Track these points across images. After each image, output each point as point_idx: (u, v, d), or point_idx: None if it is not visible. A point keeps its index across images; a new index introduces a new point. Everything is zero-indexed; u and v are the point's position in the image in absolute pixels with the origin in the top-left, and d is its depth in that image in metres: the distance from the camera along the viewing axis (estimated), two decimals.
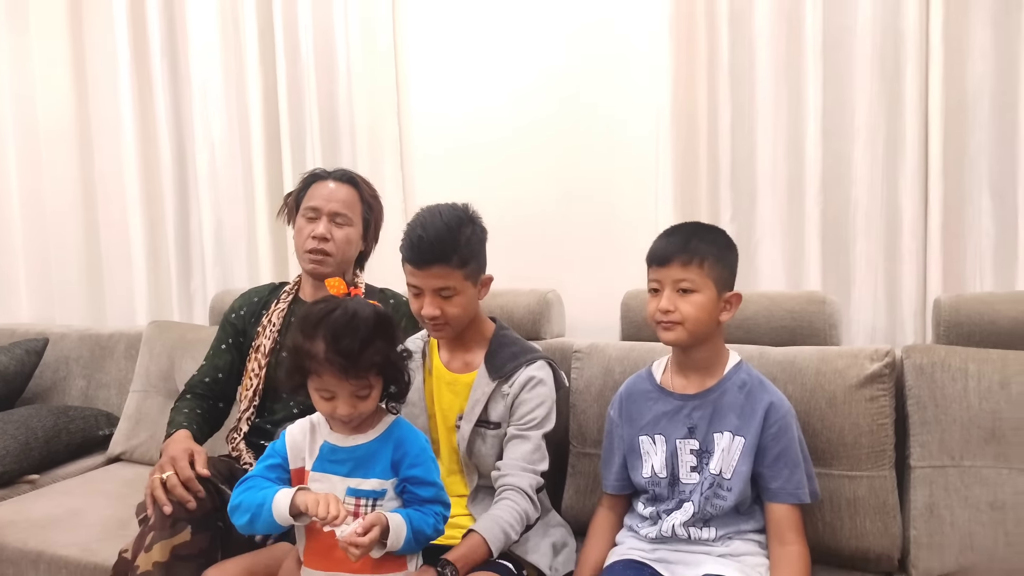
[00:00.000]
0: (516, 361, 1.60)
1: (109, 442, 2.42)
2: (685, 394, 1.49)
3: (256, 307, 1.93)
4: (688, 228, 1.50)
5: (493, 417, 1.58)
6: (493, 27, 2.36)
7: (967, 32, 1.84)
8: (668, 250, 1.45)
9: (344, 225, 1.83)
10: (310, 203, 1.83)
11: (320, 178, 1.87)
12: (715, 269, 1.43)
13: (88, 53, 2.96)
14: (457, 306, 1.54)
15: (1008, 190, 1.84)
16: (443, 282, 1.52)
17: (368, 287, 1.91)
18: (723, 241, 1.49)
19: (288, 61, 2.55)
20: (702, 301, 1.42)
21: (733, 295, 1.46)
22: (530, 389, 1.57)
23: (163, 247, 2.85)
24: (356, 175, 1.90)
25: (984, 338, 1.63)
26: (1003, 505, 1.46)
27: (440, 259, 1.51)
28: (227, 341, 1.91)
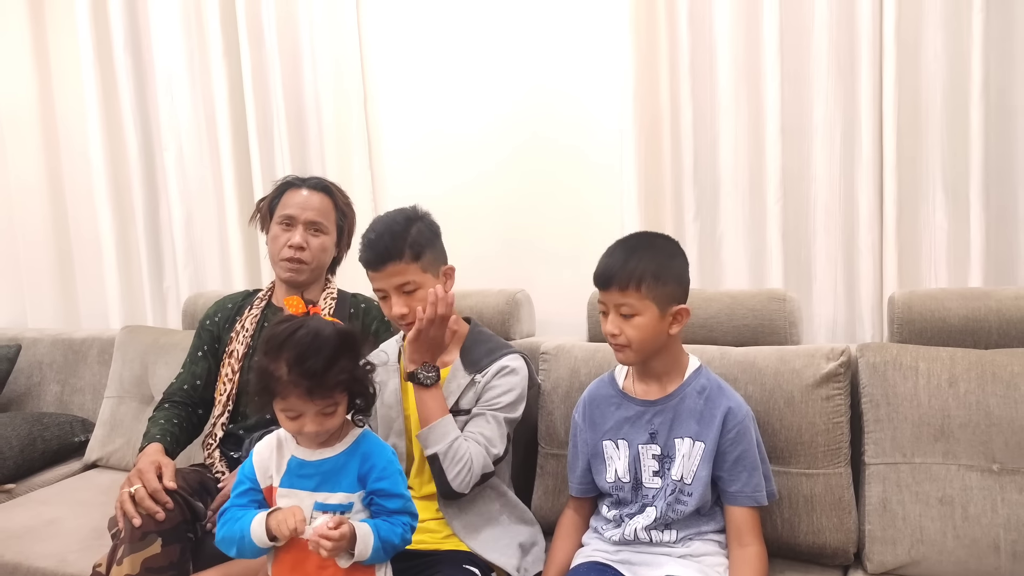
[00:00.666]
0: (491, 356, 1.65)
1: (85, 448, 2.43)
2: (646, 400, 1.52)
3: (230, 313, 1.96)
4: (626, 247, 1.48)
5: (464, 405, 1.62)
6: (457, 24, 2.35)
7: (920, 33, 1.87)
8: (606, 274, 1.46)
9: (320, 233, 1.87)
10: (285, 211, 1.85)
11: (294, 186, 1.89)
12: (654, 289, 1.42)
13: (51, 47, 2.93)
14: (421, 300, 1.58)
15: (961, 187, 1.87)
16: (402, 278, 1.57)
17: (340, 292, 1.94)
18: (664, 257, 1.47)
19: (252, 51, 2.54)
20: (643, 323, 1.43)
21: (680, 309, 1.46)
22: (501, 376, 1.62)
23: (133, 245, 2.85)
24: (330, 183, 1.94)
25: (935, 335, 1.68)
26: (951, 500, 1.51)
27: (392, 256, 1.56)
28: (203, 348, 1.94)
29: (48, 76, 2.94)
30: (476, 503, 1.62)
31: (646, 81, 2.08)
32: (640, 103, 2.08)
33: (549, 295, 2.24)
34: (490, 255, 2.36)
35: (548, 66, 2.26)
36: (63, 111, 2.95)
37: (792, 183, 2.02)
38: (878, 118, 1.90)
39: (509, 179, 2.35)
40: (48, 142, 2.96)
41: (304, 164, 2.56)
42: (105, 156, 2.80)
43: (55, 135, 2.97)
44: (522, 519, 1.69)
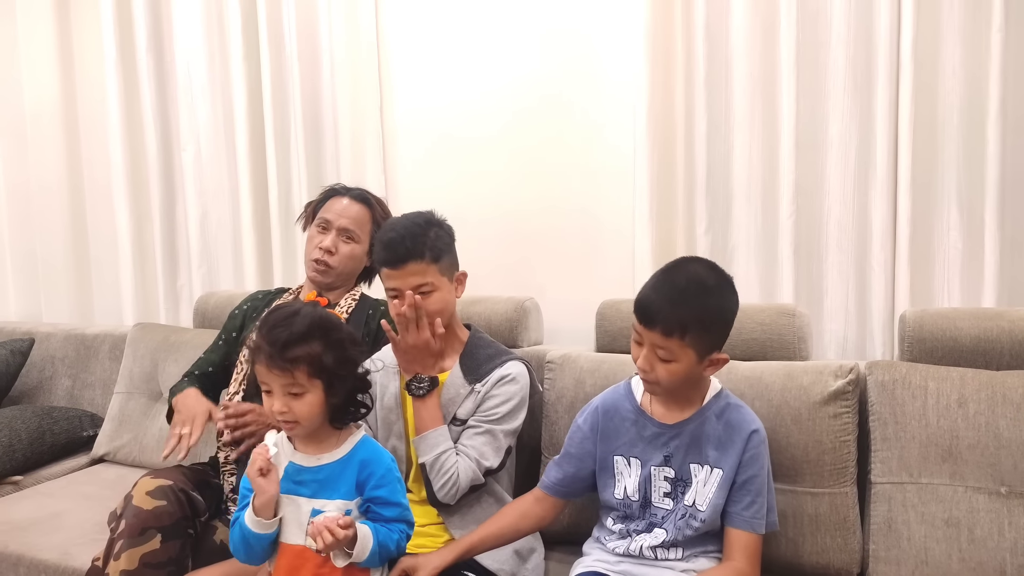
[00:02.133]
0: (491, 363, 1.65)
1: (93, 443, 2.44)
2: (664, 423, 1.48)
3: (260, 304, 2.01)
4: (677, 287, 1.37)
5: (461, 415, 1.62)
6: (474, 34, 2.36)
7: (937, 49, 1.86)
8: (651, 312, 1.36)
9: (351, 241, 1.91)
10: (324, 215, 1.91)
11: (339, 193, 1.95)
12: (698, 339, 1.34)
13: (75, 48, 2.98)
14: (436, 302, 1.60)
15: (976, 205, 1.86)
16: (420, 279, 1.58)
17: (363, 296, 1.95)
18: (714, 303, 1.37)
19: (272, 55, 2.57)
20: (678, 370, 1.37)
21: (719, 358, 1.39)
22: (501, 385, 1.62)
23: (149, 243, 2.87)
24: (371, 195, 1.98)
25: (946, 354, 1.66)
26: (957, 522, 1.49)
27: (413, 255, 1.58)
28: (223, 336, 1.99)
29: (72, 76, 2.99)
30: (475, 509, 1.62)
31: (661, 92, 2.08)
32: (654, 114, 2.08)
33: (559, 303, 2.24)
34: (500, 262, 2.36)
35: (563, 76, 2.26)
36: (85, 110, 2.99)
37: (805, 198, 2.00)
38: (894, 135, 1.88)
39: (521, 188, 2.35)
40: (69, 140, 3.01)
41: (319, 168, 2.58)
42: (124, 155, 2.83)
43: (76, 133, 3.01)
44: None
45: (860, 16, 1.91)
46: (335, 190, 1.97)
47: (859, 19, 1.91)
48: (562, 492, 1.56)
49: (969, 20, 1.83)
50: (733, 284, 1.41)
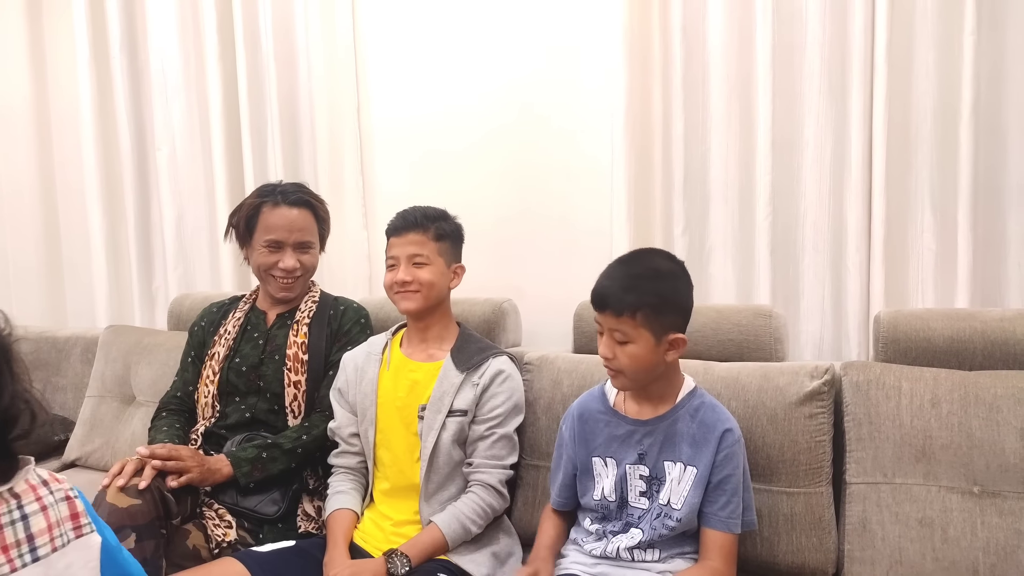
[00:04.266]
0: (483, 354, 1.68)
1: (64, 448, 2.40)
2: (637, 420, 1.49)
3: (216, 317, 1.98)
4: (627, 270, 1.44)
5: (460, 405, 1.63)
6: (451, 33, 2.36)
7: (911, 53, 1.87)
8: (603, 297, 1.41)
9: (308, 249, 1.90)
10: (271, 235, 1.84)
11: (273, 202, 1.86)
12: (651, 318, 1.37)
13: (47, 46, 2.94)
14: (428, 274, 1.66)
15: (949, 207, 1.87)
16: (417, 248, 1.66)
17: (323, 295, 1.95)
18: (665, 285, 1.41)
19: (248, 54, 2.55)
20: (636, 352, 1.39)
21: (676, 338, 1.41)
22: (501, 383, 1.65)
23: (123, 244, 2.84)
24: (309, 195, 1.92)
25: (919, 355, 1.67)
26: (931, 522, 1.50)
27: (417, 226, 1.67)
28: (191, 355, 1.97)
29: (44, 74, 2.95)
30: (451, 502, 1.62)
31: (638, 94, 2.09)
32: (632, 116, 2.08)
33: (537, 305, 2.23)
34: (479, 264, 2.33)
35: (541, 78, 2.26)
36: (57, 109, 2.95)
37: (782, 199, 2.01)
38: (868, 137, 1.90)
39: (499, 188, 2.34)
40: (41, 139, 2.96)
41: (296, 169, 2.56)
42: (98, 155, 2.79)
43: (48, 133, 2.97)
44: (499, 529, 1.68)
45: (835, 19, 1.93)
46: (266, 199, 1.87)
47: (834, 22, 1.93)
48: (566, 503, 1.59)
49: (942, 24, 1.84)
50: (687, 272, 1.47)
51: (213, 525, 1.64)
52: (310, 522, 1.74)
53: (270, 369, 1.83)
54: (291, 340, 1.84)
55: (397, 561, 1.49)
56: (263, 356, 1.85)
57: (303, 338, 1.84)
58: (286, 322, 1.89)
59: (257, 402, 1.82)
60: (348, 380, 1.74)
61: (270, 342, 1.87)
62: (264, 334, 1.89)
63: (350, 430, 1.71)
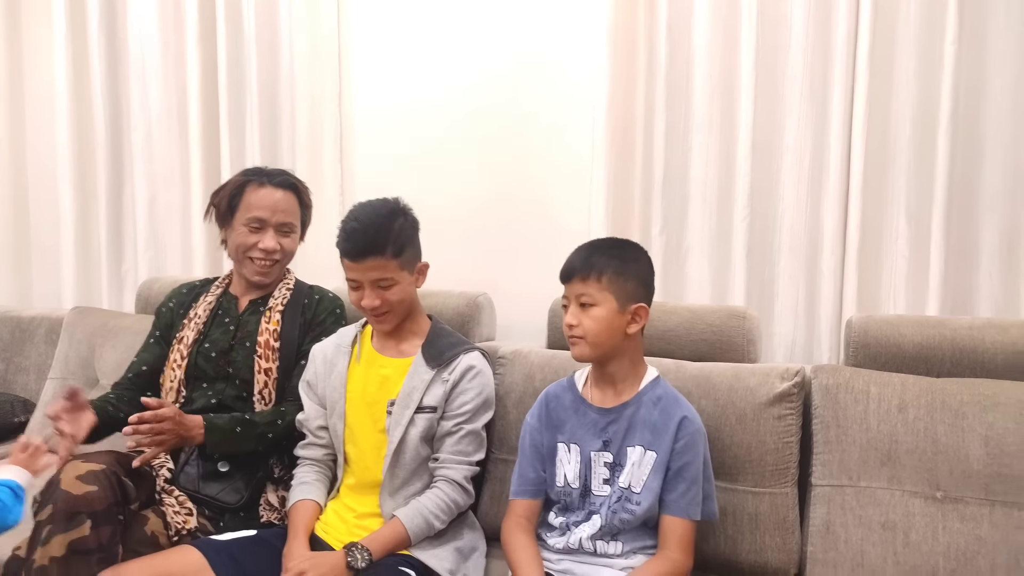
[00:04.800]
0: (454, 349, 1.66)
1: (24, 429, 2.35)
2: (602, 407, 1.51)
3: (185, 299, 1.94)
4: (593, 244, 1.53)
5: (429, 402, 1.61)
6: (435, 24, 2.34)
7: (892, 60, 1.89)
8: (571, 265, 1.49)
9: (290, 233, 1.86)
10: (253, 213, 1.81)
11: (256, 181, 1.84)
12: (614, 282, 1.44)
13: (23, 21, 2.87)
14: (396, 294, 1.60)
15: (924, 216, 1.89)
16: (380, 273, 1.57)
17: (297, 284, 1.92)
18: (628, 255, 1.50)
19: (229, 38, 2.50)
20: (601, 314, 1.44)
21: (638, 307, 1.47)
22: (471, 378, 1.63)
23: (94, 225, 2.78)
24: (295, 179, 1.90)
25: (889, 360, 1.68)
26: (894, 526, 1.51)
27: (375, 250, 1.56)
28: (155, 335, 1.92)
29: (19, 50, 2.88)
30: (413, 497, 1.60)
31: (621, 91, 2.08)
32: (614, 113, 2.08)
33: (512, 299, 2.22)
34: (455, 256, 2.33)
35: (524, 71, 2.25)
36: (31, 86, 2.88)
37: (759, 202, 2.02)
38: (847, 142, 1.91)
39: (478, 183, 2.33)
40: (13, 116, 2.89)
41: (275, 156, 2.53)
42: (71, 133, 2.73)
43: (21, 109, 2.90)
44: (464, 523, 1.67)
45: (819, 24, 1.94)
46: (251, 178, 1.85)
47: (818, 27, 1.94)
48: (539, 491, 1.56)
49: (924, 32, 1.86)
50: (648, 254, 1.55)
51: (173, 512, 1.61)
52: (273, 512, 1.71)
53: (240, 355, 1.79)
54: (263, 327, 1.81)
55: (357, 555, 1.46)
56: (233, 342, 1.81)
57: (275, 325, 1.81)
58: (258, 308, 1.86)
59: (225, 388, 1.79)
60: (317, 372, 1.71)
61: (241, 328, 1.83)
62: (235, 319, 1.85)
63: (318, 423, 1.69)
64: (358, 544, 1.48)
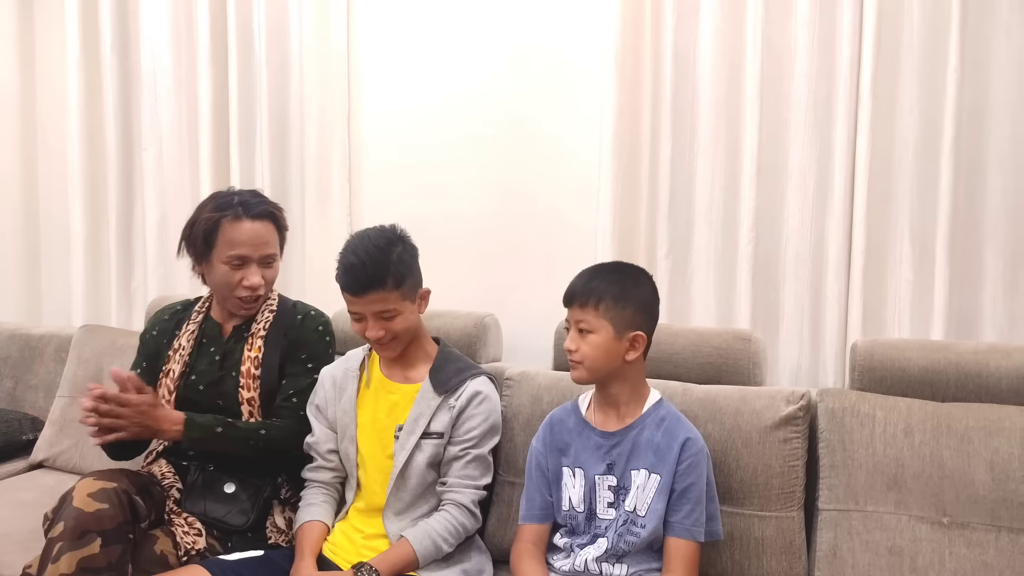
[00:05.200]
0: (461, 375, 1.66)
1: (32, 447, 2.36)
2: (605, 431, 1.52)
3: (168, 326, 1.88)
4: (595, 269, 1.55)
5: (436, 428, 1.62)
6: (445, 48, 2.37)
7: (895, 87, 1.91)
8: (571, 291, 1.51)
9: (272, 263, 1.80)
10: (235, 251, 1.72)
11: (234, 216, 1.73)
12: (611, 310, 1.46)
13: (37, 41, 2.91)
14: (400, 324, 1.60)
15: (928, 241, 1.90)
16: (382, 306, 1.57)
17: (280, 305, 1.85)
18: (629, 281, 1.50)
19: (240, 59, 2.54)
20: (598, 341, 1.46)
21: (636, 335, 1.47)
22: (477, 404, 1.63)
23: (104, 243, 2.80)
24: (270, 205, 1.80)
25: (894, 384, 1.69)
26: (900, 551, 1.51)
27: (375, 284, 1.55)
28: (141, 365, 1.86)
29: (32, 69, 2.92)
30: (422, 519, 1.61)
31: (628, 114, 2.10)
32: (620, 136, 2.10)
33: (518, 321, 2.23)
34: (462, 277, 2.35)
35: (531, 94, 2.28)
36: (44, 105, 2.92)
37: (765, 226, 2.03)
38: (851, 167, 1.93)
39: (485, 205, 2.35)
40: (26, 134, 2.93)
41: (284, 174, 2.56)
42: (82, 152, 2.76)
43: (34, 127, 2.94)
44: (471, 546, 1.67)
45: (823, 52, 1.96)
46: (225, 213, 1.72)
47: (822, 54, 1.96)
48: (548, 515, 1.56)
49: (926, 60, 1.88)
50: (651, 279, 1.56)
51: (182, 532, 1.61)
52: (280, 535, 1.71)
53: (229, 387, 1.76)
54: (245, 355, 1.76)
55: (366, 573, 1.47)
56: (221, 373, 1.77)
57: (257, 352, 1.76)
58: (243, 335, 1.80)
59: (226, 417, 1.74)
60: (327, 397, 1.70)
61: (227, 357, 1.78)
62: (221, 348, 1.80)
63: (328, 446, 1.69)
64: (367, 564, 1.49)
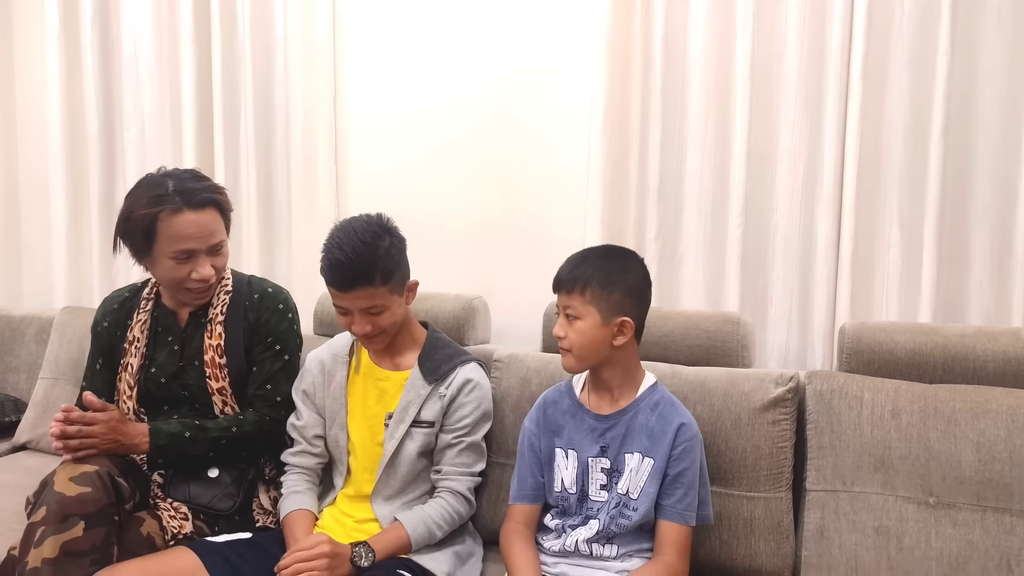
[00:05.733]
0: (451, 362, 1.64)
1: (15, 429, 2.34)
2: (600, 414, 1.52)
3: (119, 315, 1.79)
4: (583, 253, 1.52)
5: (426, 416, 1.60)
6: (431, 32, 2.34)
7: (886, 71, 1.91)
8: (559, 276, 1.50)
9: (221, 248, 1.69)
10: (181, 246, 1.60)
11: (172, 209, 1.59)
12: (598, 296, 1.44)
13: (14, 17, 2.85)
14: (387, 319, 1.57)
15: (916, 225, 1.91)
16: (369, 302, 1.53)
17: (236, 283, 1.76)
18: (616, 266, 1.47)
19: (224, 39, 2.50)
20: (584, 328, 1.45)
21: (624, 321, 1.45)
22: (468, 392, 1.62)
23: (86, 225, 2.76)
24: (210, 189, 1.66)
25: (882, 366, 1.70)
26: (887, 531, 1.52)
27: (361, 280, 1.51)
28: (99, 361, 1.79)
29: (10, 47, 2.86)
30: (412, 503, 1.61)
31: (617, 99, 2.09)
32: (610, 120, 2.09)
33: (507, 303, 2.23)
34: (450, 259, 2.34)
35: (520, 80, 2.26)
36: (22, 84, 2.86)
37: (754, 210, 2.04)
38: (840, 152, 1.93)
39: (474, 186, 2.33)
40: (4, 114, 2.87)
41: (268, 159, 2.53)
42: (63, 132, 2.72)
43: (12, 107, 2.88)
44: (463, 529, 1.67)
45: (813, 33, 1.96)
46: (163, 204, 1.58)
47: (812, 36, 1.96)
48: (540, 495, 1.55)
49: (917, 44, 1.88)
50: (642, 262, 1.52)
51: (168, 516, 1.60)
52: (267, 516, 1.70)
53: (192, 377, 1.70)
54: (206, 344, 1.69)
55: (363, 552, 1.47)
56: (182, 363, 1.71)
57: (218, 340, 1.69)
58: (200, 321, 1.73)
59: (187, 411, 1.71)
60: (315, 383, 1.68)
61: (187, 346, 1.71)
62: (179, 337, 1.73)
63: (315, 431, 1.67)
64: (364, 543, 1.48)
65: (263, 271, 2.47)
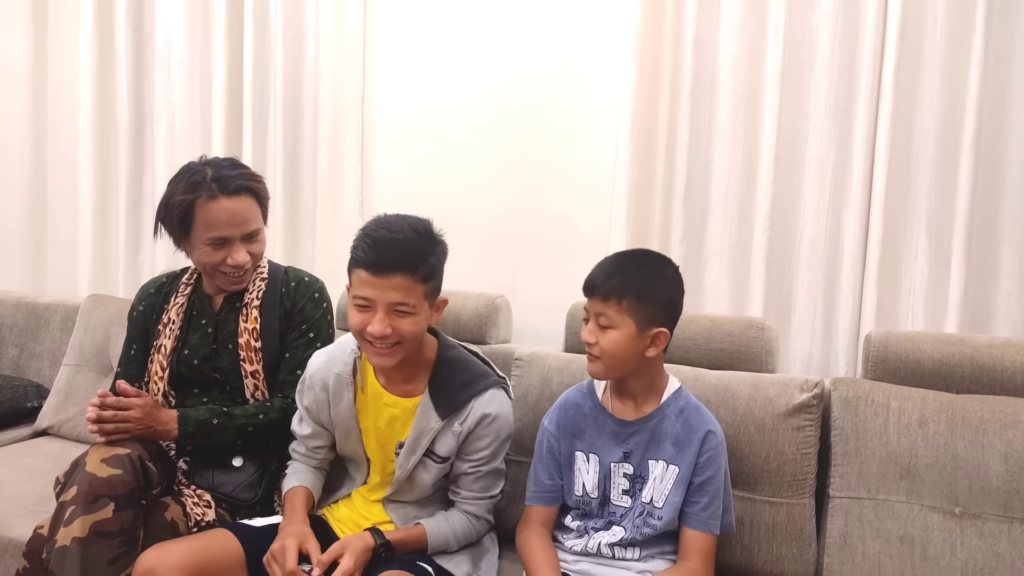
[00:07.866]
0: (467, 392, 1.49)
1: (37, 415, 2.36)
2: (623, 419, 1.49)
3: (155, 300, 1.81)
4: (618, 259, 1.48)
5: (441, 451, 1.51)
6: (461, 29, 2.36)
7: (917, 80, 1.91)
8: (593, 282, 1.44)
9: (257, 237, 1.71)
10: (214, 233, 1.63)
11: (208, 195, 1.62)
12: (635, 307, 1.39)
13: (50, 11, 2.89)
14: (411, 326, 1.40)
15: (944, 233, 1.90)
16: (402, 296, 1.37)
17: (272, 272, 1.78)
18: (653, 276, 1.43)
19: (256, 35, 2.52)
20: (618, 338, 1.40)
21: (659, 332, 1.42)
22: (487, 425, 1.49)
23: (113, 214, 2.79)
24: (247, 177, 1.69)
25: (908, 375, 1.69)
26: (912, 539, 1.51)
27: (404, 266, 1.36)
28: (133, 346, 1.81)
29: (44, 39, 2.90)
30: (428, 508, 1.58)
31: (646, 101, 2.10)
32: (638, 122, 2.09)
33: (530, 303, 2.23)
34: (474, 258, 2.34)
35: (549, 78, 2.27)
36: (55, 75, 2.90)
37: (780, 215, 2.03)
38: (870, 159, 1.92)
39: (499, 186, 2.34)
40: (36, 104, 2.91)
41: (296, 153, 2.55)
42: (94, 123, 2.75)
43: (44, 97, 2.92)
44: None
45: (845, 41, 1.95)
46: (200, 192, 1.62)
47: (844, 44, 1.95)
48: (556, 497, 1.54)
49: (949, 54, 1.88)
50: (679, 275, 1.48)
51: (192, 503, 1.60)
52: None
53: (225, 360, 1.71)
54: (242, 327, 1.70)
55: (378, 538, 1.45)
56: (215, 346, 1.72)
57: (254, 323, 1.70)
58: (235, 305, 1.74)
59: (218, 395, 1.72)
60: (318, 400, 1.57)
61: (220, 329, 1.72)
62: (212, 320, 1.74)
63: (316, 443, 1.62)
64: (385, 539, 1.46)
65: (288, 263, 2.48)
